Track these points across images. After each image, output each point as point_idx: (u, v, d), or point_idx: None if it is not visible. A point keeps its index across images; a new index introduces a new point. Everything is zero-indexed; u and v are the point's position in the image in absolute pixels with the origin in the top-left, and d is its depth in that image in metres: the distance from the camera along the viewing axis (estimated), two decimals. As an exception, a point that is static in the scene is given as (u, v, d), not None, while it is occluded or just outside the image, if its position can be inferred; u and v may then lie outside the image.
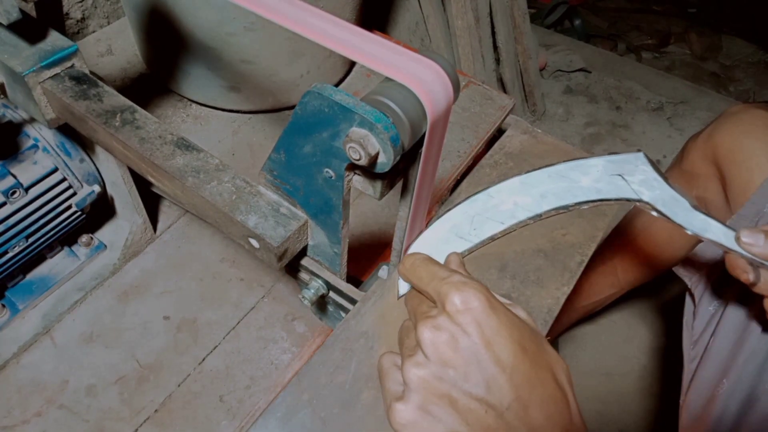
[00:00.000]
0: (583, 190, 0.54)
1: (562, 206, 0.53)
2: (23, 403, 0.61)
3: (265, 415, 0.42)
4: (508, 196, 0.53)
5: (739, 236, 0.51)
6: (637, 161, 0.56)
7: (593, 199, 0.54)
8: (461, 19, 1.47)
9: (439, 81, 0.36)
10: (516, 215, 0.53)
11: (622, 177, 0.55)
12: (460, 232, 0.51)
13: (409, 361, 0.37)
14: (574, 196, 0.54)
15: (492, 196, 0.53)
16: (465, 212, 0.52)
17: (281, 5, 0.38)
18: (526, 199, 0.53)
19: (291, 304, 0.72)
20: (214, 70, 0.82)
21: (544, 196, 0.54)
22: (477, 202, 0.52)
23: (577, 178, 0.55)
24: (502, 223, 0.52)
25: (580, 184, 0.54)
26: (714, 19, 2.27)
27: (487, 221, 0.52)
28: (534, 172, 0.55)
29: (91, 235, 0.72)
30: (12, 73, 0.51)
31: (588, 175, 0.55)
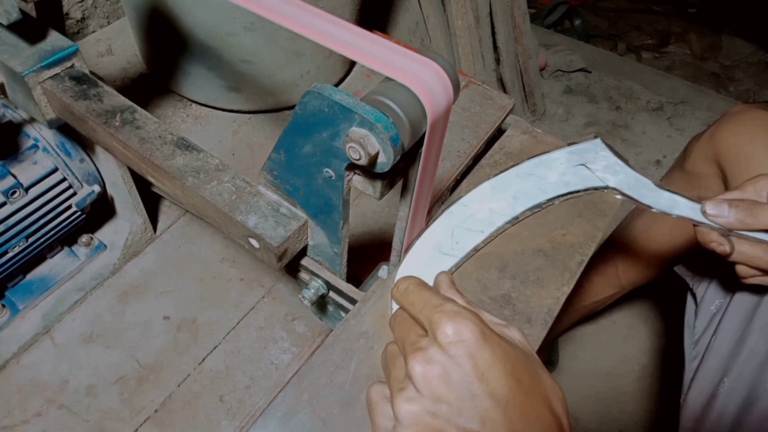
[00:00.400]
0: (552, 185, 0.55)
1: (536, 205, 0.54)
2: (23, 403, 0.61)
3: (265, 415, 0.42)
4: (482, 203, 0.53)
5: (704, 209, 0.52)
6: (597, 148, 0.57)
7: (563, 193, 0.55)
8: (461, 19, 1.47)
9: (439, 81, 0.36)
10: (493, 222, 0.53)
11: (585, 166, 0.56)
12: (444, 248, 0.50)
13: (399, 395, 0.36)
14: (544, 193, 0.55)
15: (466, 205, 0.53)
16: (444, 226, 0.51)
17: (281, 5, 0.38)
18: (500, 203, 0.54)
19: (291, 304, 0.72)
20: (214, 70, 0.82)
21: (516, 197, 0.54)
22: (453, 215, 0.52)
23: (543, 174, 0.56)
24: (482, 232, 0.52)
25: (548, 180, 0.55)
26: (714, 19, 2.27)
27: (467, 232, 0.52)
28: (502, 174, 0.55)
29: (91, 235, 0.72)
30: (12, 73, 0.51)
31: (553, 169, 0.56)
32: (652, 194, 0.54)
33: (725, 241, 0.54)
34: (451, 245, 0.50)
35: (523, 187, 0.55)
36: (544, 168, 0.56)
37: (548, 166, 0.56)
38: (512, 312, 0.49)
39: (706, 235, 0.55)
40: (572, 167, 0.56)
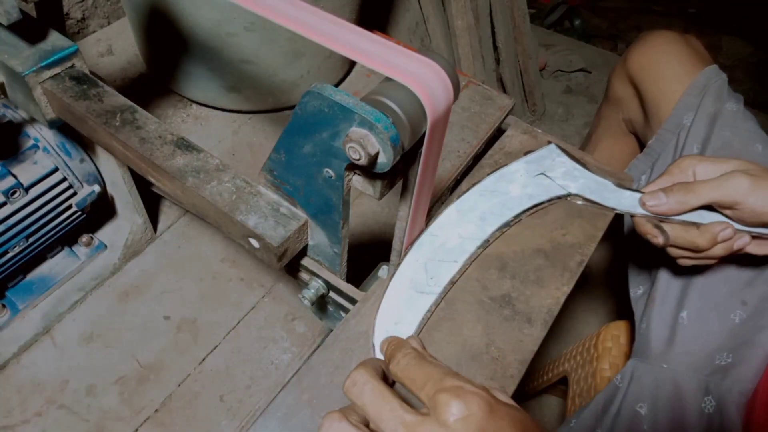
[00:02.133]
0: (516, 200, 0.54)
1: (504, 224, 0.53)
2: (23, 403, 0.61)
3: (265, 415, 0.42)
4: (451, 229, 0.52)
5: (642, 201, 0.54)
6: (553, 155, 0.57)
7: (528, 207, 0.54)
8: (461, 19, 1.47)
9: (439, 81, 0.36)
10: (465, 248, 0.51)
11: (545, 175, 0.55)
12: (419, 287, 0.48)
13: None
14: (510, 210, 0.54)
15: (435, 234, 0.51)
16: (416, 261, 0.49)
17: (281, 5, 0.38)
18: (469, 227, 0.52)
19: (291, 304, 0.72)
20: (214, 70, 0.82)
21: (484, 218, 0.53)
22: (423, 247, 0.50)
23: (505, 189, 0.55)
24: (455, 262, 0.50)
25: (511, 195, 0.55)
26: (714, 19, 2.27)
27: (440, 264, 0.49)
28: (465, 195, 0.54)
29: (91, 235, 0.72)
30: (12, 73, 0.51)
31: (514, 182, 0.55)
32: (614, 195, 0.54)
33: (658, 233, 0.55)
34: (426, 281, 0.48)
35: (488, 206, 0.53)
36: (505, 182, 0.55)
37: (509, 180, 0.55)
38: (512, 312, 0.49)
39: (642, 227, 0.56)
40: (532, 177, 0.55)
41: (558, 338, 1.32)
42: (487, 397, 0.34)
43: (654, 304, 0.71)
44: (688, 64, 0.83)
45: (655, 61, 0.86)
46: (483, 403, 0.33)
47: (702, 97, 0.80)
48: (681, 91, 0.82)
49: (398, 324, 0.46)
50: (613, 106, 0.99)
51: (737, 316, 0.66)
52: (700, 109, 0.79)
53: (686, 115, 0.80)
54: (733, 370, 0.64)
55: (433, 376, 0.35)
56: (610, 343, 0.88)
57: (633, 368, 0.71)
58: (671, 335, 0.69)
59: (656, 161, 0.84)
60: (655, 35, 0.89)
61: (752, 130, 0.75)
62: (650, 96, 0.87)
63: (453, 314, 0.48)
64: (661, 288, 0.71)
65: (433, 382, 0.35)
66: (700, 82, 0.81)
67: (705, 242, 0.54)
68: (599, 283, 1.42)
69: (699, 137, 0.77)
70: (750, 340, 0.65)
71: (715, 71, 0.82)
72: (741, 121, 0.77)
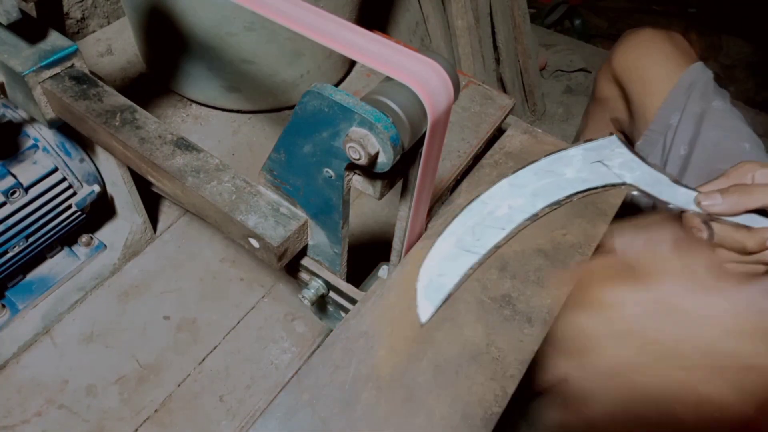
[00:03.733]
0: (570, 182, 0.55)
1: (555, 202, 0.54)
2: (23, 403, 0.61)
3: (265, 415, 0.42)
4: (501, 200, 0.53)
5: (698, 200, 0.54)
6: (612, 145, 0.57)
7: (581, 190, 0.55)
8: (461, 19, 1.47)
9: (440, 81, 0.36)
10: (513, 218, 0.53)
11: (602, 163, 0.56)
12: (465, 245, 0.50)
13: None
14: (563, 190, 0.55)
15: (486, 203, 0.53)
16: (464, 224, 0.52)
17: (281, 5, 0.38)
18: (519, 200, 0.54)
19: (291, 304, 0.72)
20: (214, 70, 0.82)
21: (536, 194, 0.54)
22: (473, 212, 0.52)
23: (561, 171, 0.56)
24: (502, 229, 0.52)
25: (566, 177, 0.56)
26: (714, 19, 2.27)
27: (487, 229, 0.52)
28: (520, 171, 0.56)
29: (91, 235, 0.72)
30: (12, 73, 0.51)
31: (570, 166, 0.56)
32: (669, 190, 0.55)
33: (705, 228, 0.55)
34: (472, 242, 0.51)
35: (541, 184, 0.55)
36: (561, 165, 0.56)
37: (566, 163, 0.56)
38: (512, 312, 0.49)
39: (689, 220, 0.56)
40: (589, 164, 0.56)
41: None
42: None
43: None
44: (672, 62, 0.83)
45: (639, 61, 0.86)
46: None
47: (688, 96, 0.80)
48: (666, 90, 0.82)
49: (441, 276, 0.47)
50: (600, 105, 0.99)
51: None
52: (687, 108, 0.79)
53: (673, 116, 0.80)
54: None
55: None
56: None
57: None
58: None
59: None
60: (639, 34, 0.89)
61: (739, 129, 0.75)
62: (636, 96, 0.87)
63: (453, 314, 0.48)
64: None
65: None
66: (685, 81, 0.81)
67: (754, 245, 0.54)
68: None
69: (686, 138, 0.77)
70: None
71: (700, 68, 0.82)
72: (728, 119, 0.76)
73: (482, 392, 0.44)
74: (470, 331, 0.47)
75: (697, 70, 0.81)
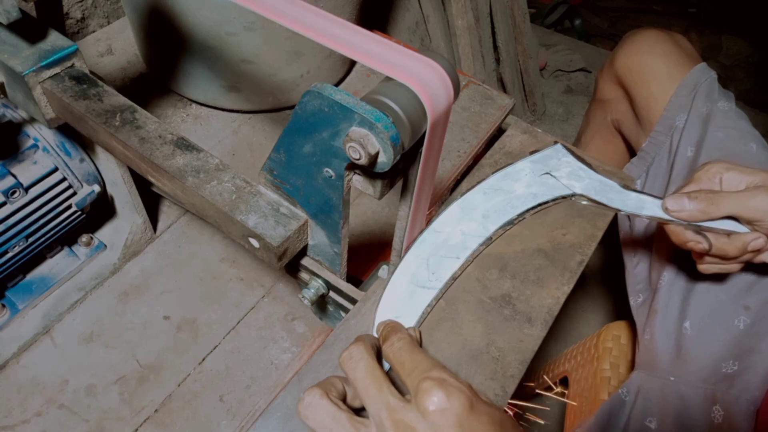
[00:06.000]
0: (520, 198, 0.54)
1: (507, 222, 0.53)
2: (23, 403, 0.61)
3: (265, 415, 0.42)
4: (454, 226, 0.52)
5: (665, 206, 0.53)
6: (558, 154, 0.57)
7: (532, 206, 0.54)
8: (461, 18, 1.47)
9: (440, 80, 0.36)
10: (467, 245, 0.51)
11: (550, 174, 0.55)
12: (420, 281, 0.48)
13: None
14: (513, 208, 0.53)
15: (438, 230, 0.51)
16: (418, 257, 0.49)
17: (281, 5, 0.38)
18: (471, 224, 0.52)
19: (291, 304, 0.72)
20: (214, 70, 0.82)
21: (487, 216, 0.53)
22: (426, 243, 0.50)
23: (510, 187, 0.55)
24: (457, 258, 0.50)
25: (516, 194, 0.54)
26: (714, 19, 2.27)
27: (442, 260, 0.50)
28: (469, 192, 0.54)
29: (91, 235, 0.72)
30: (12, 72, 0.51)
31: (519, 181, 0.55)
32: (619, 196, 0.54)
33: (702, 239, 0.54)
34: (428, 277, 0.48)
35: (491, 204, 0.53)
36: (510, 181, 0.55)
37: (514, 179, 0.55)
38: (512, 312, 0.49)
39: (681, 236, 0.55)
40: (538, 177, 0.55)
41: (558, 338, 1.32)
42: (469, 394, 0.34)
43: (656, 315, 0.70)
44: (676, 63, 0.83)
45: (643, 63, 0.86)
46: (464, 399, 0.33)
47: (693, 97, 0.79)
48: (671, 91, 0.81)
49: (398, 317, 0.46)
50: (601, 107, 0.99)
51: (741, 322, 0.65)
52: (692, 109, 0.78)
53: (678, 117, 0.80)
54: (739, 377, 0.64)
55: (421, 364, 0.36)
56: (610, 343, 0.88)
57: (639, 382, 0.70)
58: (677, 347, 0.68)
59: (651, 165, 0.83)
60: (641, 35, 0.88)
61: (745, 130, 0.75)
62: (640, 98, 0.86)
63: (453, 314, 0.48)
64: (662, 297, 0.71)
65: (419, 370, 0.35)
66: (689, 82, 0.80)
67: (734, 251, 0.54)
68: (599, 283, 1.42)
69: (693, 139, 0.77)
70: (755, 346, 0.64)
71: (704, 69, 0.81)
72: (734, 120, 0.76)
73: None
74: (470, 331, 0.47)
75: (701, 70, 0.81)
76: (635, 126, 0.89)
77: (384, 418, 0.34)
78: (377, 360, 0.38)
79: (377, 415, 0.35)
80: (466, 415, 0.33)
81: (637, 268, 0.80)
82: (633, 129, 0.90)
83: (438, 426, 0.33)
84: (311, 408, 0.36)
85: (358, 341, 0.39)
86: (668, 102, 0.81)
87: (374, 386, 0.35)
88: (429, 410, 0.33)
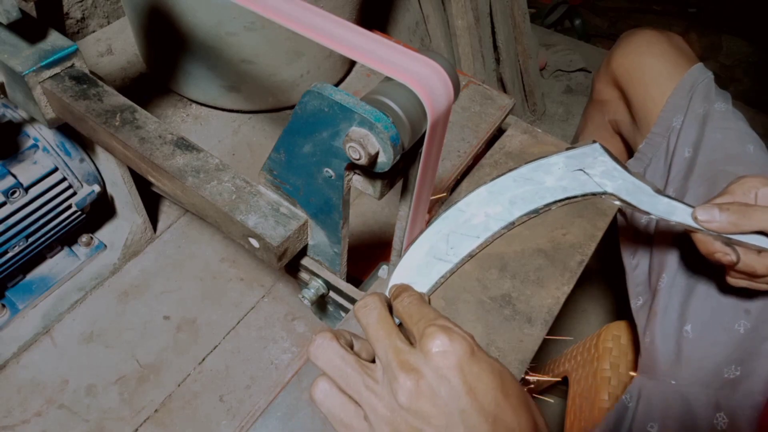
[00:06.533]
0: (549, 190, 0.54)
1: (532, 210, 0.53)
2: (23, 403, 0.61)
3: (265, 415, 0.42)
4: (479, 207, 0.52)
5: (695, 215, 0.52)
6: (595, 153, 0.56)
7: (560, 198, 0.54)
8: (461, 18, 1.47)
9: (440, 80, 0.36)
10: (489, 227, 0.52)
11: (583, 171, 0.55)
12: (438, 254, 0.49)
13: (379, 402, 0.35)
14: (541, 198, 0.54)
15: (463, 210, 0.52)
16: (439, 231, 0.50)
17: (281, 5, 0.38)
18: (497, 208, 0.53)
19: (291, 304, 0.72)
20: (214, 70, 0.82)
21: (513, 202, 0.53)
22: (449, 219, 0.51)
23: (541, 179, 0.55)
24: (477, 237, 0.51)
25: (545, 185, 0.54)
26: (714, 19, 2.27)
27: (462, 238, 0.51)
28: (499, 178, 0.54)
29: (91, 235, 0.72)
30: (12, 72, 0.51)
31: (551, 174, 0.55)
32: (650, 200, 0.53)
33: (731, 251, 0.53)
34: (446, 250, 0.50)
35: (520, 191, 0.54)
36: (541, 172, 0.55)
37: (546, 171, 0.55)
38: (512, 312, 0.49)
39: (709, 246, 0.54)
40: (570, 172, 0.55)
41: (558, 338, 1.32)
42: (472, 342, 0.36)
43: (656, 317, 0.70)
44: (672, 63, 0.82)
45: (639, 63, 0.85)
46: (466, 345, 0.35)
47: (690, 97, 0.79)
48: (668, 92, 0.81)
49: (412, 284, 0.47)
50: (599, 107, 0.98)
51: (741, 326, 0.64)
52: (689, 110, 0.78)
53: (675, 118, 0.79)
54: (742, 383, 0.63)
55: (427, 315, 0.38)
56: (610, 343, 0.88)
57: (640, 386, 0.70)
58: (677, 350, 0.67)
59: (648, 166, 0.83)
60: (637, 36, 0.88)
61: (743, 131, 0.75)
62: (637, 99, 0.86)
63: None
64: (662, 300, 0.70)
65: (426, 320, 0.37)
66: (686, 83, 0.80)
67: (764, 269, 0.53)
68: (599, 283, 1.42)
69: (690, 140, 0.76)
70: (756, 350, 0.63)
71: (700, 70, 0.81)
72: (731, 121, 0.76)
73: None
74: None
75: (697, 71, 0.81)
76: (632, 126, 0.89)
77: (391, 359, 0.36)
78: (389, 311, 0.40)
79: (384, 356, 0.36)
80: (467, 358, 0.35)
81: (637, 270, 0.80)
82: (630, 129, 0.90)
83: (439, 367, 0.34)
84: (321, 348, 0.38)
85: (373, 294, 0.41)
86: (665, 103, 0.81)
87: (384, 331, 0.37)
88: (432, 352, 0.34)
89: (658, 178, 0.81)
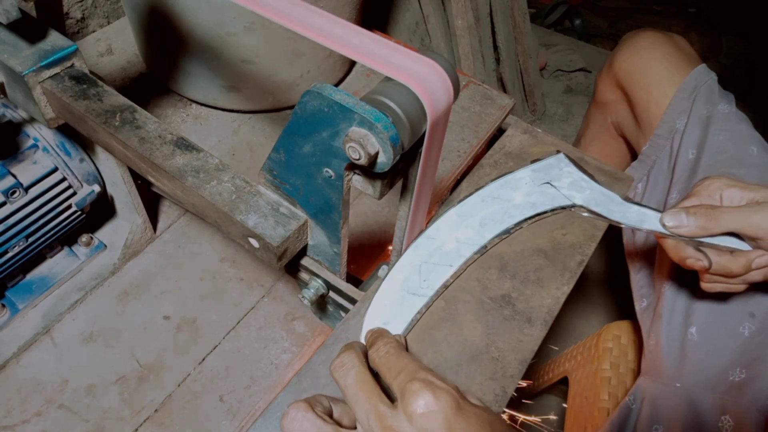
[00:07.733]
0: (518, 207, 0.53)
1: (503, 231, 0.52)
2: (23, 403, 0.61)
3: (265, 415, 0.42)
4: (449, 233, 0.51)
5: (663, 221, 0.51)
6: (560, 164, 0.56)
7: (530, 216, 0.53)
8: (461, 18, 1.47)
9: (439, 80, 0.36)
10: (462, 253, 0.50)
11: (550, 184, 0.54)
12: (411, 288, 0.47)
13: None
14: (511, 217, 0.53)
15: (432, 237, 0.50)
16: (410, 263, 0.48)
17: (281, 5, 0.38)
18: (467, 232, 0.51)
19: (291, 304, 0.72)
20: (214, 70, 0.82)
21: (483, 224, 0.52)
22: (419, 249, 0.49)
23: (509, 196, 0.54)
24: (450, 266, 0.49)
25: (514, 202, 0.53)
26: (714, 19, 2.27)
27: (434, 267, 0.49)
28: (467, 199, 0.53)
29: (91, 235, 0.72)
30: (12, 72, 0.51)
31: (518, 189, 0.54)
32: (620, 209, 0.53)
33: (702, 256, 0.53)
34: (419, 284, 0.48)
35: (489, 212, 0.53)
36: (509, 189, 0.54)
37: (513, 187, 0.54)
38: (512, 312, 0.49)
39: (681, 252, 0.54)
40: (537, 186, 0.54)
41: (558, 338, 1.32)
42: (456, 395, 0.34)
43: (661, 320, 0.70)
44: (675, 65, 0.82)
45: (642, 65, 0.85)
46: (451, 400, 0.33)
47: (693, 99, 0.79)
48: (671, 94, 0.81)
49: (387, 323, 0.45)
50: (601, 109, 0.98)
51: (746, 330, 0.64)
52: (693, 112, 0.78)
53: (679, 119, 0.79)
54: (748, 386, 0.63)
55: (407, 367, 0.36)
56: (610, 343, 0.88)
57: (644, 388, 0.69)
58: (682, 353, 0.67)
59: (652, 168, 0.83)
60: (640, 37, 0.88)
61: (746, 133, 0.75)
62: (640, 101, 0.86)
63: (453, 314, 0.48)
64: (667, 302, 0.70)
65: (406, 373, 0.35)
66: (689, 84, 0.80)
67: (739, 268, 0.52)
68: (599, 283, 1.42)
69: (694, 142, 0.76)
70: (762, 354, 0.63)
71: (704, 71, 0.81)
72: (735, 123, 0.76)
73: (482, 392, 0.44)
74: (470, 331, 0.47)
75: (700, 72, 0.80)
76: (635, 128, 0.89)
77: (374, 425, 0.34)
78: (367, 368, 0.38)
79: (366, 422, 0.34)
80: (454, 415, 0.33)
81: (641, 272, 0.80)
82: (633, 131, 0.90)
83: (426, 429, 0.32)
84: (296, 422, 0.35)
85: (348, 349, 0.38)
86: (668, 105, 0.80)
87: (364, 393, 0.35)
88: (417, 413, 0.33)
89: (662, 180, 0.81)
